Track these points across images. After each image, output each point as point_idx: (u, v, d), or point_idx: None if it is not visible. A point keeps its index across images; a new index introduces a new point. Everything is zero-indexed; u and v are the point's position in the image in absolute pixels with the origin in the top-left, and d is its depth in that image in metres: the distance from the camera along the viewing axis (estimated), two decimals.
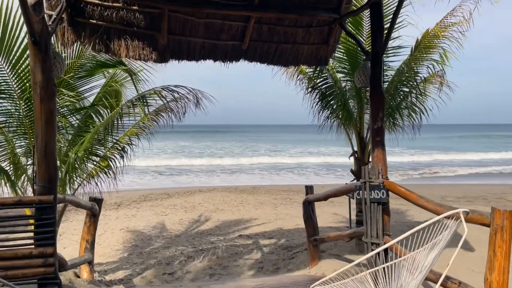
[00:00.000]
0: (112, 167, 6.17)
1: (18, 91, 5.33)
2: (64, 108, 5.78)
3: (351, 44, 6.90)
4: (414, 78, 7.09)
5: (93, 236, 5.70)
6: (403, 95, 7.29)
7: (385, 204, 4.60)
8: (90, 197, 5.75)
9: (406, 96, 7.28)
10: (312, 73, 7.54)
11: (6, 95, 5.37)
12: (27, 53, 4.59)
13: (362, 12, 6.21)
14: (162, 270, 6.78)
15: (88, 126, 6.10)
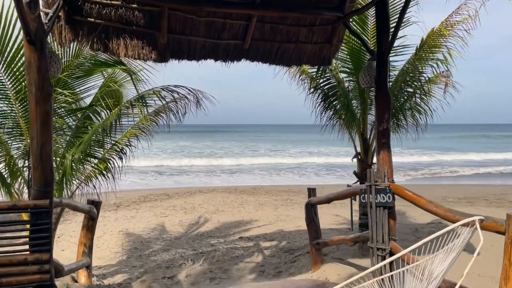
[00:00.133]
0: (111, 169, 6.04)
1: (13, 91, 5.18)
2: (62, 109, 5.64)
3: (355, 44, 6.77)
4: (419, 78, 6.97)
5: (91, 240, 5.58)
6: (407, 96, 7.17)
7: (391, 208, 4.48)
8: (88, 200, 5.62)
9: (410, 97, 7.15)
10: (315, 73, 7.42)
11: (1, 95, 5.22)
12: (23, 51, 4.45)
13: (367, 11, 6.09)
14: (162, 274, 6.64)
15: (87, 127, 5.97)
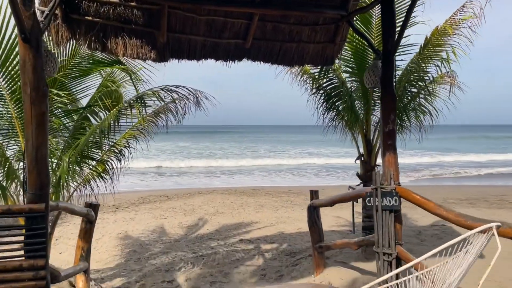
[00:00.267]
0: (109, 171, 5.91)
1: (8, 91, 5.03)
2: (58, 110, 5.50)
3: (358, 43, 6.65)
4: (423, 78, 6.83)
5: (89, 244, 5.43)
6: (411, 96, 7.04)
7: (397, 212, 4.36)
8: (86, 203, 5.48)
9: (414, 97, 7.03)
10: (318, 74, 7.29)
11: None
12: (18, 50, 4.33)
13: (372, 9, 5.96)
14: (161, 278, 6.52)
15: (85, 128, 5.84)
